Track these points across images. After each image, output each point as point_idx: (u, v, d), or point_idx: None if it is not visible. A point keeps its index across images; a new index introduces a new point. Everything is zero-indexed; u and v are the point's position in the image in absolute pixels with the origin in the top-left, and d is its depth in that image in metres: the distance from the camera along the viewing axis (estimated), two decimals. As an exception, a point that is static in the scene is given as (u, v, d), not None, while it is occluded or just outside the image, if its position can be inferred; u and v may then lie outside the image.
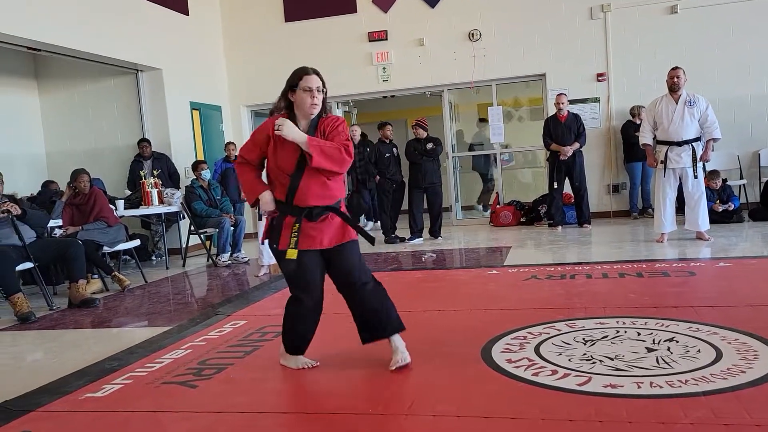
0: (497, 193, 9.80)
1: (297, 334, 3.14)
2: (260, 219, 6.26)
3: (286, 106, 2.99)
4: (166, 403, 2.81)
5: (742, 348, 2.95)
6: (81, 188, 6.30)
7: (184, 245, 8.01)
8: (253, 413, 2.62)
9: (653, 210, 7.60)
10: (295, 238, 2.90)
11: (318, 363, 3.16)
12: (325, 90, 2.97)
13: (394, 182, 8.57)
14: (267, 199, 2.97)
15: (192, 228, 7.65)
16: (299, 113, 2.96)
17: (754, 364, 2.74)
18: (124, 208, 7.40)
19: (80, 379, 3.20)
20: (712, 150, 6.60)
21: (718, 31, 8.72)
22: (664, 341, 3.13)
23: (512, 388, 2.67)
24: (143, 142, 8.41)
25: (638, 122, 8.26)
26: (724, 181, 8.00)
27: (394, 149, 8.79)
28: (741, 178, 8.73)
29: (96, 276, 6.23)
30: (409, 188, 8.26)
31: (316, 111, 2.96)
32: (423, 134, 8.06)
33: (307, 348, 3.18)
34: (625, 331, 3.35)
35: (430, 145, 7.98)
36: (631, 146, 8.46)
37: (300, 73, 2.94)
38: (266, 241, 3.04)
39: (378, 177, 8.72)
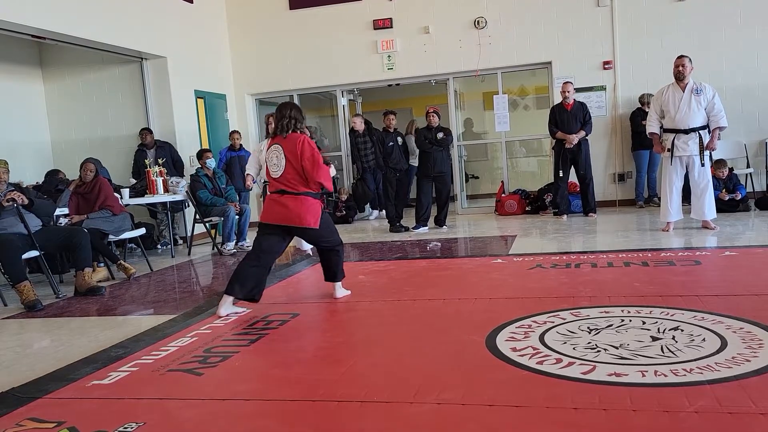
0: (502, 181, 9.78)
1: None
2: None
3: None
4: (171, 390, 2.82)
5: (747, 337, 2.95)
6: (84, 177, 6.32)
7: (189, 234, 8.03)
8: (259, 400, 2.63)
9: (659, 199, 7.58)
10: None
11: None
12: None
13: (397, 171, 8.55)
14: None
15: (197, 217, 7.66)
16: None
17: (759, 352, 2.73)
18: (130, 197, 7.42)
19: (87, 367, 3.22)
20: (719, 138, 6.57)
21: (725, 19, 8.63)
22: (669, 330, 3.13)
23: (517, 376, 2.68)
24: (144, 130, 8.41)
25: (648, 110, 8.21)
26: (731, 170, 7.96)
27: (399, 138, 8.75)
28: (748, 166, 8.68)
29: (102, 264, 6.25)
30: (419, 176, 8.24)
31: None
32: (437, 122, 8.02)
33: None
34: (630, 320, 3.35)
35: (440, 135, 7.94)
36: (639, 134, 8.41)
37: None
38: None
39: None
